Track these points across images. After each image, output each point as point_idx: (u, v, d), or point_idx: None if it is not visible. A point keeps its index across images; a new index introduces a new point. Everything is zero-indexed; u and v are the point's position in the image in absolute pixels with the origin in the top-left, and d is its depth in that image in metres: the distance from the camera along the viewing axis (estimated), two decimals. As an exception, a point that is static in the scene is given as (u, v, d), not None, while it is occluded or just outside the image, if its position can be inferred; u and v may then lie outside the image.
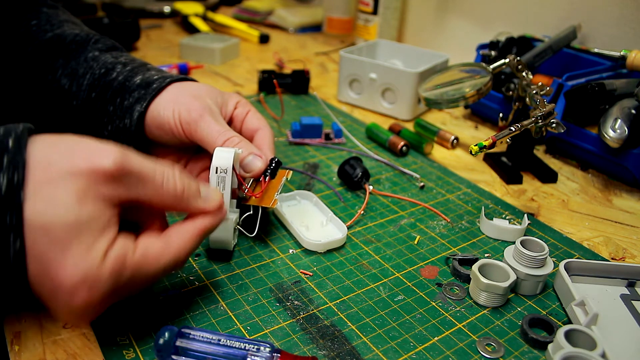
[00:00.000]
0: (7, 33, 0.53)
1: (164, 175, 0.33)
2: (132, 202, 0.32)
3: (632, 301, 0.41)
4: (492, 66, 0.62)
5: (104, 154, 0.30)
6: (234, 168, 0.41)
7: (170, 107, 0.46)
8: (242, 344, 0.32)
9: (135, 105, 0.46)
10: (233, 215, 0.42)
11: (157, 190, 0.33)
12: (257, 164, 0.44)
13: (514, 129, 0.48)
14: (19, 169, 0.28)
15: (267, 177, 0.44)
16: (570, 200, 0.56)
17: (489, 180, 0.60)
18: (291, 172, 0.46)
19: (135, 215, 0.35)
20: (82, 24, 0.57)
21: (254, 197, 0.43)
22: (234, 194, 0.44)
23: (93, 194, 0.29)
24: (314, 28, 1.21)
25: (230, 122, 0.50)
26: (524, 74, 0.60)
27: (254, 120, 0.49)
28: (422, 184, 0.56)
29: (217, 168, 0.40)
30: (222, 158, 0.40)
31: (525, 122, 0.50)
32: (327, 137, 0.65)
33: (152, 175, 0.32)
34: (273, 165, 0.44)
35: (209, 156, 0.41)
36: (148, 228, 0.35)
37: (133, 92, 0.47)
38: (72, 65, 0.50)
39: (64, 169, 0.29)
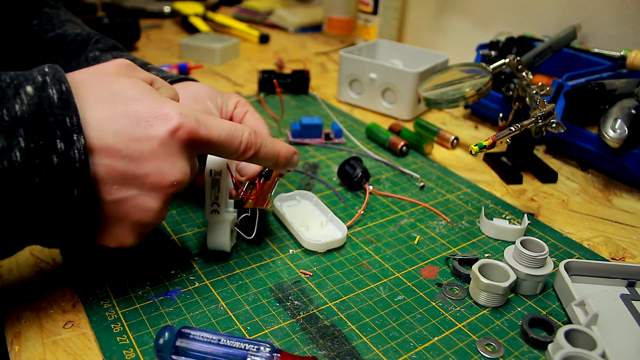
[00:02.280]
0: (8, 32, 0.53)
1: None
2: None
3: (632, 301, 0.41)
4: (492, 66, 0.62)
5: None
6: (229, 169, 0.41)
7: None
8: (242, 344, 0.32)
9: None
10: (230, 217, 0.42)
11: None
12: (252, 167, 0.46)
13: (514, 129, 0.48)
14: (64, 81, 0.31)
15: (262, 179, 0.44)
16: (570, 200, 0.56)
17: (489, 180, 0.60)
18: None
19: None
20: (83, 24, 0.57)
21: (250, 200, 0.43)
22: (230, 195, 0.44)
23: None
24: (314, 28, 1.21)
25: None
26: (524, 74, 0.60)
27: (252, 120, 0.50)
28: (422, 184, 0.56)
29: (211, 171, 0.40)
30: (216, 160, 0.40)
31: (525, 122, 0.50)
32: (327, 137, 0.65)
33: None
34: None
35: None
36: None
37: None
38: (73, 64, 0.50)
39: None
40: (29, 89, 0.30)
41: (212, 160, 0.40)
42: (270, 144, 0.39)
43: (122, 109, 0.32)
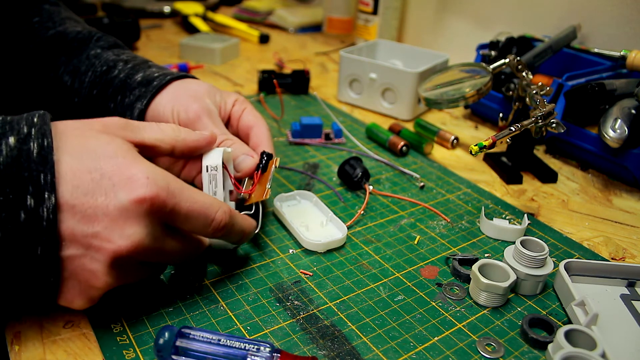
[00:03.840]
0: (9, 30, 0.53)
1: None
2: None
3: (632, 301, 0.41)
4: (492, 66, 0.62)
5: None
6: (225, 167, 0.41)
7: (169, 106, 0.46)
8: (242, 344, 0.32)
9: (136, 103, 0.47)
10: None
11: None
12: (248, 163, 0.44)
13: (514, 129, 0.48)
14: (47, 136, 0.31)
15: (259, 172, 0.44)
16: (570, 200, 0.56)
17: (489, 180, 0.60)
18: (278, 159, 0.46)
19: None
20: (83, 22, 0.57)
21: (252, 196, 0.44)
22: (232, 196, 0.44)
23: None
24: (314, 28, 1.21)
25: (227, 121, 0.50)
26: (524, 74, 0.60)
27: (250, 117, 0.49)
28: (422, 184, 0.56)
29: (207, 167, 0.40)
30: (211, 156, 0.40)
31: (525, 122, 0.50)
32: (327, 137, 0.65)
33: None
34: (264, 160, 0.45)
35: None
36: None
37: (134, 89, 0.47)
38: (74, 62, 0.50)
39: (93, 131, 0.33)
40: (12, 140, 0.30)
41: (207, 156, 0.40)
42: (239, 224, 0.38)
43: (88, 165, 0.31)
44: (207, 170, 0.40)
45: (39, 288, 0.31)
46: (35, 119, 0.31)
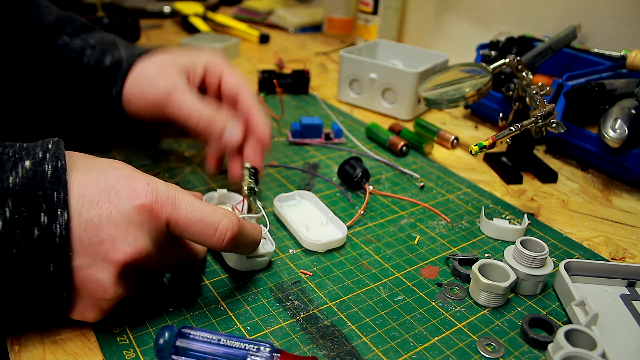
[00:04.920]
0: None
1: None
2: None
3: (632, 301, 0.41)
4: (492, 66, 0.62)
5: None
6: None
7: (138, 86, 0.47)
8: (242, 344, 0.32)
9: (112, 88, 0.48)
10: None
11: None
12: (235, 135, 0.45)
13: (514, 129, 0.48)
14: (62, 159, 0.32)
15: (251, 195, 0.45)
16: (570, 200, 0.56)
17: (489, 180, 0.60)
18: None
19: None
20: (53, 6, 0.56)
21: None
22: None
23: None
24: (314, 28, 1.21)
25: (205, 85, 0.50)
26: (524, 74, 0.60)
27: (231, 80, 0.48)
28: (422, 184, 0.56)
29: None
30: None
31: (525, 122, 0.50)
32: (327, 137, 0.65)
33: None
34: (252, 176, 0.46)
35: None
36: None
37: (105, 74, 0.48)
38: (47, 53, 0.50)
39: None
40: (28, 163, 0.31)
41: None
42: (249, 234, 0.37)
43: (94, 176, 0.32)
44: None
45: (52, 304, 0.32)
46: (49, 145, 0.32)
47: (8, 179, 0.30)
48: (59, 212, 0.30)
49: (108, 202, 0.32)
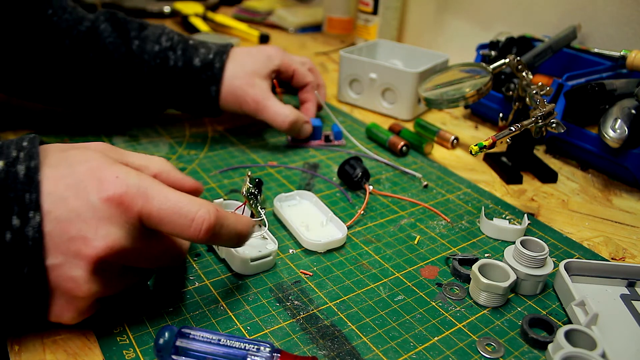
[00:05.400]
0: (20, 22, 0.53)
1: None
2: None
3: (632, 301, 0.41)
4: (492, 66, 0.62)
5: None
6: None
7: (230, 91, 0.58)
8: (242, 344, 0.32)
9: (210, 86, 0.58)
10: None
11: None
12: (308, 130, 0.63)
13: (514, 129, 0.48)
14: (35, 157, 0.31)
15: (252, 200, 0.45)
16: (570, 200, 0.56)
17: (489, 180, 0.60)
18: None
19: None
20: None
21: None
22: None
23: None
24: (314, 28, 1.21)
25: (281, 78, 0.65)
26: (524, 74, 0.60)
27: (301, 75, 0.64)
28: (425, 183, 0.56)
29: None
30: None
31: (525, 122, 0.50)
32: (327, 139, 0.65)
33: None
34: (256, 187, 0.46)
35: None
36: None
37: (200, 73, 0.57)
38: (119, 57, 0.56)
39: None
40: (0, 164, 0.30)
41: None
42: (230, 224, 0.35)
43: (62, 171, 0.32)
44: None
45: (28, 306, 0.31)
46: (24, 143, 0.32)
47: None
48: (30, 215, 0.30)
49: (76, 197, 0.31)
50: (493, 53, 0.73)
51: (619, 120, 0.55)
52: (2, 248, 0.29)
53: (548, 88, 0.57)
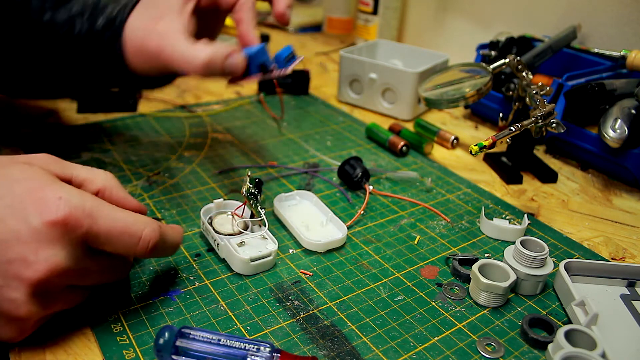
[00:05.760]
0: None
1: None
2: None
3: (632, 301, 0.41)
4: (492, 66, 0.62)
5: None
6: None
7: (133, 44, 0.45)
8: (242, 344, 0.32)
9: (114, 45, 0.47)
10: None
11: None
12: (237, 62, 0.43)
13: (514, 129, 0.48)
14: None
15: (252, 200, 0.45)
16: (570, 200, 0.56)
17: (489, 180, 0.60)
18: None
19: None
20: None
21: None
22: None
23: None
24: (314, 28, 1.21)
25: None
26: (524, 74, 0.60)
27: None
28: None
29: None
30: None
31: (525, 122, 0.50)
32: (264, 68, 0.46)
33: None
34: (256, 187, 0.46)
35: None
36: None
37: (102, 34, 0.47)
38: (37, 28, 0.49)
39: None
40: None
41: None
42: (170, 239, 0.36)
43: (1, 192, 0.30)
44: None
45: None
46: None
47: None
48: None
49: (15, 219, 0.30)
50: (493, 53, 0.73)
51: (619, 120, 0.55)
52: None
53: (548, 88, 0.57)
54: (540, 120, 0.51)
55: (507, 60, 0.61)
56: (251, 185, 0.45)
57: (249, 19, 0.48)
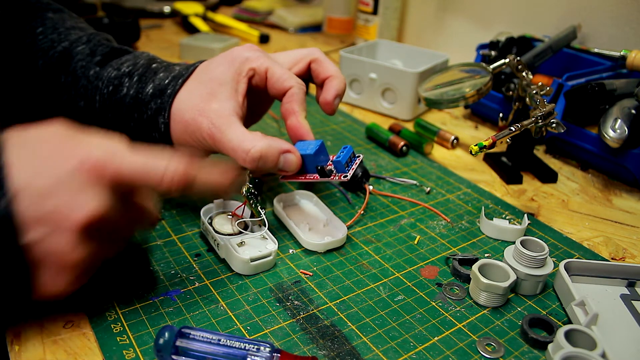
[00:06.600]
0: (12, 42, 0.52)
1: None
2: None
3: (632, 301, 0.41)
4: (492, 66, 0.62)
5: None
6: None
7: (189, 116, 0.43)
8: (242, 344, 0.32)
9: (158, 118, 0.45)
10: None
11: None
12: (292, 161, 0.42)
13: (514, 129, 0.48)
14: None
15: (252, 200, 0.45)
16: (570, 200, 0.56)
17: (489, 180, 0.60)
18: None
19: None
20: (88, 27, 0.55)
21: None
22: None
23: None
24: (314, 28, 1.21)
25: (255, 89, 0.46)
26: (524, 74, 0.60)
27: (282, 81, 0.44)
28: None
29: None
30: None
31: (525, 122, 0.50)
32: (322, 172, 0.43)
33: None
34: (256, 187, 0.45)
35: None
36: None
37: (149, 103, 0.46)
38: (83, 82, 0.48)
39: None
40: None
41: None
42: (203, 176, 0.35)
43: (31, 150, 0.32)
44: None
45: (12, 285, 0.32)
46: None
47: None
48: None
49: (50, 170, 0.31)
50: (493, 53, 0.73)
51: (619, 120, 0.55)
52: None
53: (548, 88, 0.57)
54: (540, 120, 0.51)
55: (507, 60, 0.61)
56: (251, 185, 0.45)
57: (301, 111, 0.45)
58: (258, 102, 0.50)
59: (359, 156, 0.45)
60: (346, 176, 0.42)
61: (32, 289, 0.32)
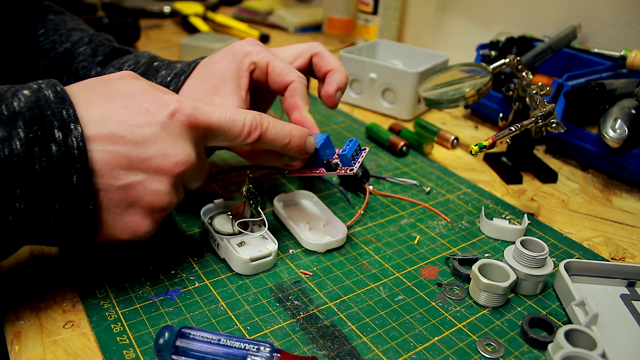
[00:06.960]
0: (13, 44, 0.52)
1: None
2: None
3: (632, 301, 0.41)
4: (492, 66, 0.62)
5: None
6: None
7: None
8: (242, 344, 0.32)
9: None
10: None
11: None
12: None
13: (514, 129, 0.48)
14: (58, 85, 0.33)
15: (252, 200, 0.44)
16: (570, 200, 0.56)
17: (489, 180, 0.60)
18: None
19: None
20: (88, 29, 0.56)
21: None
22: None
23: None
24: (314, 28, 1.21)
25: (257, 83, 0.46)
26: (524, 74, 0.60)
27: (282, 75, 0.45)
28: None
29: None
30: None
31: (525, 122, 0.50)
32: (328, 165, 0.43)
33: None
34: (256, 187, 0.45)
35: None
36: None
37: None
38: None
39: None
40: (26, 92, 0.32)
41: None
42: (279, 126, 0.39)
43: (123, 103, 0.34)
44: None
45: (80, 218, 0.33)
46: (40, 81, 0.34)
47: (12, 104, 0.31)
48: (72, 127, 0.31)
49: (148, 123, 0.34)
50: (493, 53, 0.73)
51: (619, 120, 0.55)
52: (50, 160, 0.31)
53: (548, 88, 0.57)
54: (540, 120, 0.51)
55: (507, 60, 0.61)
56: (251, 185, 0.45)
57: (304, 105, 0.45)
58: (260, 97, 0.50)
59: (364, 149, 0.45)
60: (352, 169, 0.42)
61: (96, 226, 0.34)
